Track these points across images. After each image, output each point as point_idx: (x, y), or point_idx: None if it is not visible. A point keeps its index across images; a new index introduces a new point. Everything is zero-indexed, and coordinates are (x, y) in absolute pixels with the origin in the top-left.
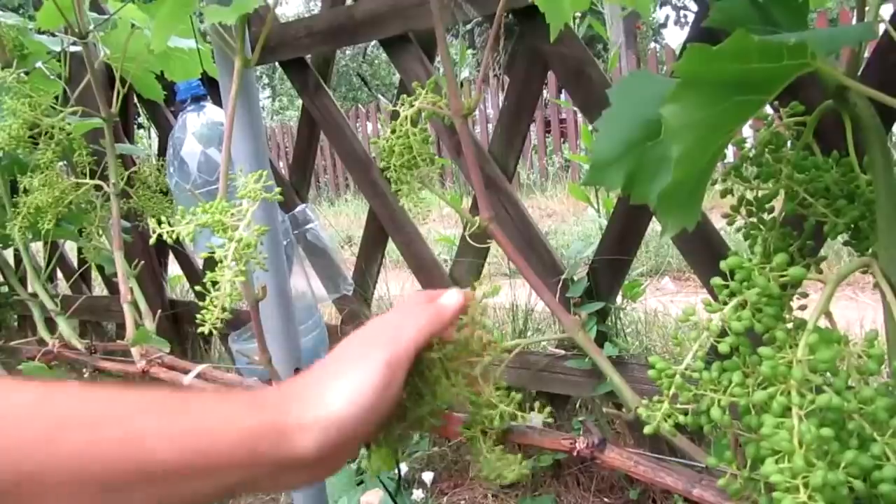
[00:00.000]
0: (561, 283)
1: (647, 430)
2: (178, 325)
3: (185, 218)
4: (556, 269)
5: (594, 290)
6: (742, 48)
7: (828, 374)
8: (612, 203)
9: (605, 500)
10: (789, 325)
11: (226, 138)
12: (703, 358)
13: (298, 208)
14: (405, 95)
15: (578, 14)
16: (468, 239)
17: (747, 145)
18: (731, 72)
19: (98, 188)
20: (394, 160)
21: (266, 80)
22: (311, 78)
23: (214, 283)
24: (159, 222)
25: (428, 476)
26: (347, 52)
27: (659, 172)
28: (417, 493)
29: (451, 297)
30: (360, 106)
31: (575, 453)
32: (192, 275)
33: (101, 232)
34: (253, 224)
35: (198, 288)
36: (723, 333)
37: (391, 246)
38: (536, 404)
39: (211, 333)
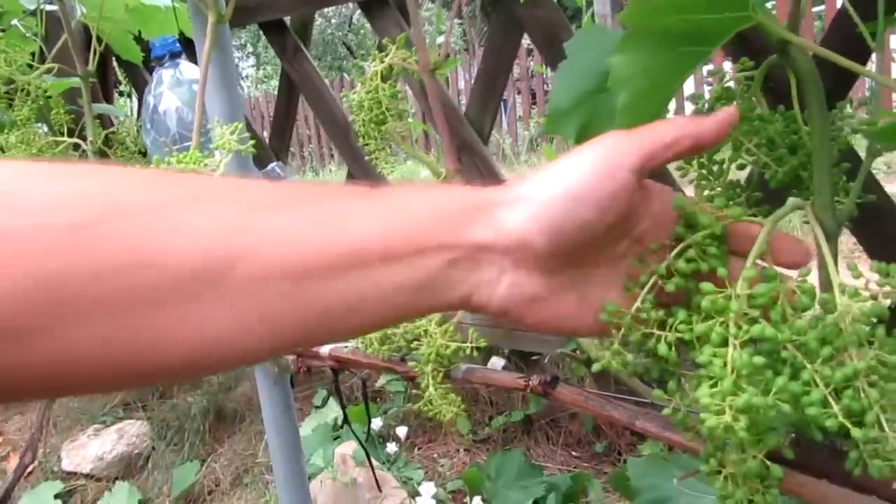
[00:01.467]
0: None
1: (595, 367)
2: None
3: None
4: None
5: None
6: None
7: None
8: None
9: (573, 453)
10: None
11: (199, 92)
12: (651, 301)
13: (269, 166)
14: (377, 52)
15: None
16: None
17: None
18: (674, 23)
19: (76, 147)
20: (363, 115)
21: (250, 49)
22: (290, 41)
23: None
24: None
25: (402, 430)
26: (333, 20)
27: (611, 122)
28: (391, 447)
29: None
30: (345, 75)
31: (528, 390)
32: None
33: None
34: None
35: None
36: (671, 275)
37: None
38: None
39: None
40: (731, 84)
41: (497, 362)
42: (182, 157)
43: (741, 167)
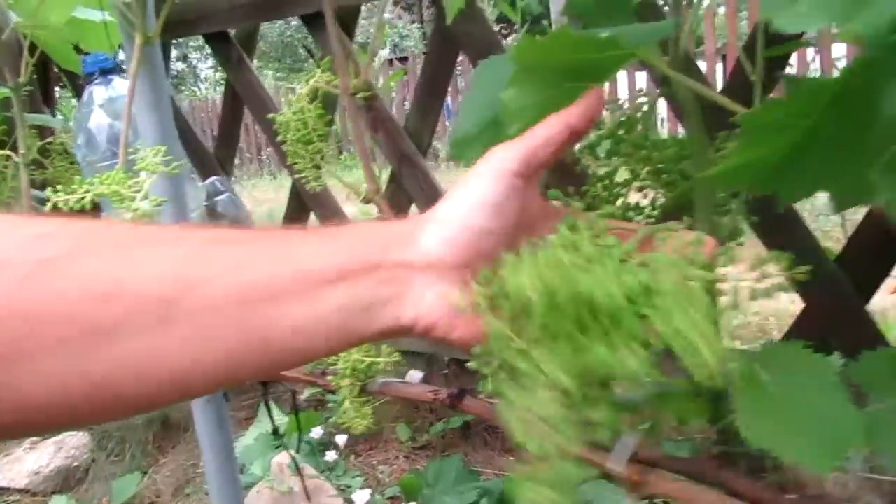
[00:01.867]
0: None
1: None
2: None
3: (83, 187)
4: None
5: None
6: (563, 41)
7: None
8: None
9: (510, 458)
10: None
11: (125, 113)
12: None
13: (208, 180)
14: (303, 73)
15: None
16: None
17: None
18: (558, 61)
19: (7, 158)
20: (290, 135)
21: (209, 51)
22: (234, 52)
23: None
24: (55, 191)
25: (341, 439)
26: (293, 22)
27: None
28: (330, 455)
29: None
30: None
31: (438, 401)
32: None
33: (11, 203)
34: (150, 196)
35: None
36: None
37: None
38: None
39: None
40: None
41: (415, 375)
42: (105, 178)
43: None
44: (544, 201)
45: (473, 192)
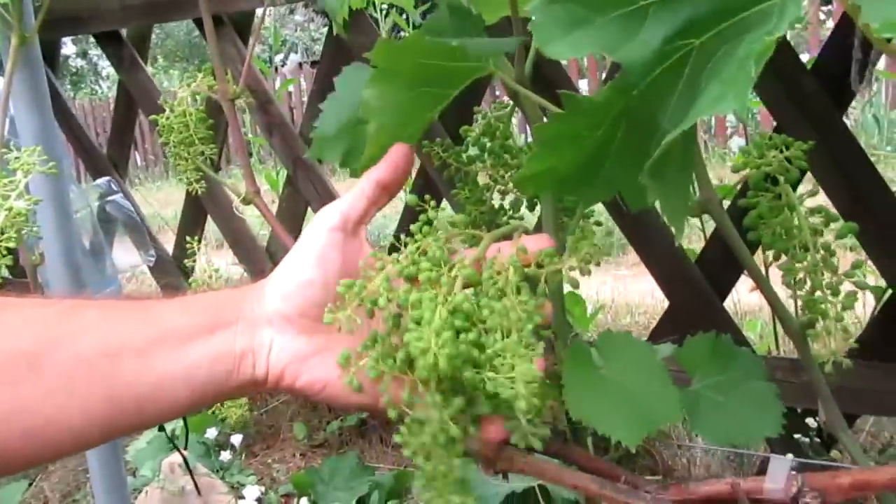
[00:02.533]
0: None
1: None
2: None
3: None
4: None
5: None
6: (418, 47)
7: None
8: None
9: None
10: None
11: (0, 110)
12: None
13: (100, 181)
14: (186, 76)
15: (385, 6)
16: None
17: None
18: (414, 66)
19: None
20: (172, 137)
21: None
22: (127, 52)
23: None
24: None
25: (237, 438)
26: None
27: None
28: (225, 455)
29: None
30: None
31: None
32: None
33: None
34: (26, 196)
35: None
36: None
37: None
38: None
39: None
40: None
41: None
42: None
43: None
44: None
45: (304, 248)
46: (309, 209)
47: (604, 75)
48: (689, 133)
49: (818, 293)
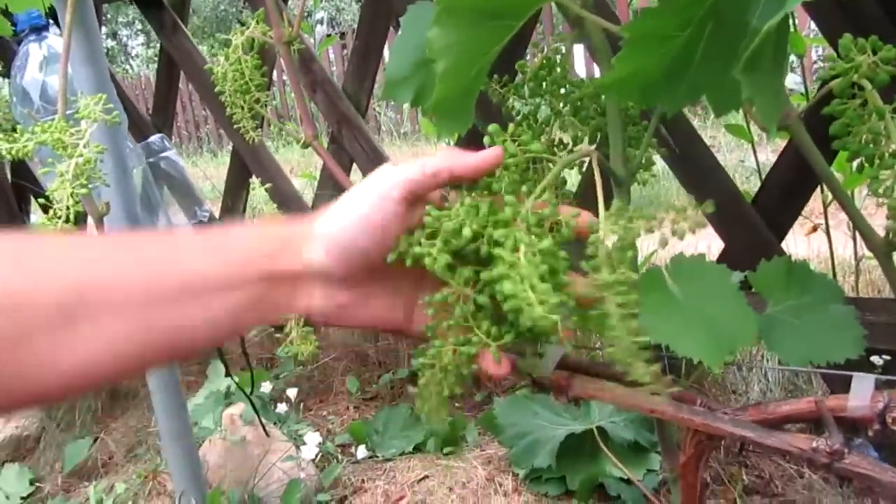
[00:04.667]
0: None
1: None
2: None
3: (24, 136)
4: None
5: None
6: None
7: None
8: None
9: (456, 404)
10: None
11: (62, 64)
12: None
13: (153, 137)
14: (238, 24)
15: None
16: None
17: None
18: (480, 2)
19: None
20: (228, 85)
21: (139, 26)
22: (168, 17)
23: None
24: None
25: (292, 392)
26: None
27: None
28: (282, 407)
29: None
30: None
31: None
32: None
33: None
34: (92, 144)
35: (41, 201)
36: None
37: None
38: None
39: None
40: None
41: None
42: (47, 127)
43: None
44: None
45: (357, 212)
46: (354, 166)
47: None
48: (783, 26)
49: None
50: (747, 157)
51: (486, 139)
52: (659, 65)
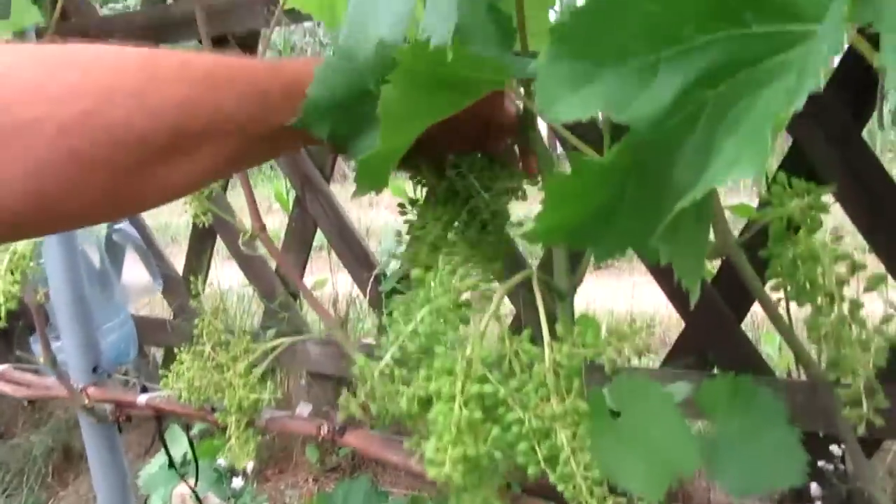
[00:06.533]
0: (373, 277)
1: (340, 415)
2: None
3: None
4: (370, 263)
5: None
6: (445, 54)
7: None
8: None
9: (418, 478)
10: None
11: None
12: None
13: None
14: None
15: None
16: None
17: None
18: (441, 72)
19: None
20: None
21: None
22: None
23: None
24: None
25: (249, 464)
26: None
27: (363, 132)
28: (237, 481)
29: None
30: None
31: (320, 438)
32: None
33: None
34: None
35: None
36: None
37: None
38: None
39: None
40: None
41: (304, 409)
42: None
43: None
44: None
45: None
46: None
47: None
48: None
49: (845, 350)
50: None
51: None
52: (583, 216)
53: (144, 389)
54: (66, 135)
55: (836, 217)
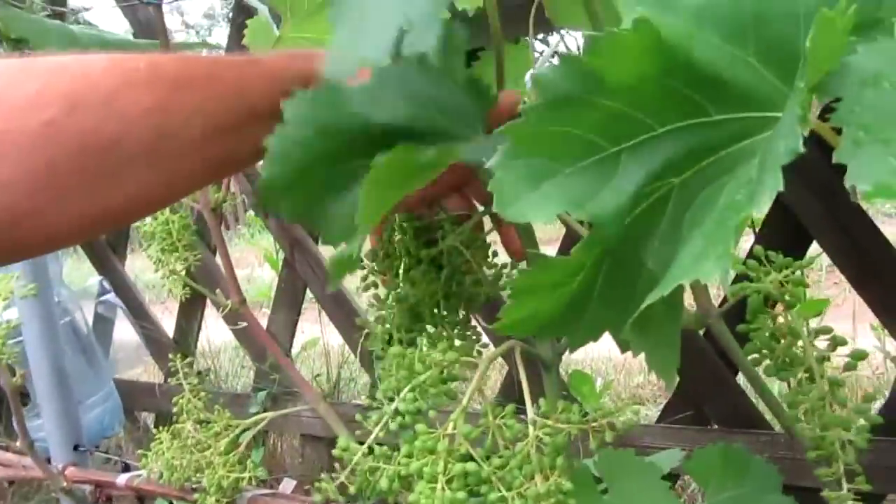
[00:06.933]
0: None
1: (315, 498)
2: None
3: None
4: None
5: None
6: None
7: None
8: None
9: None
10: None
11: None
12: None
13: (90, 281)
14: None
15: None
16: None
17: None
18: (406, 168)
19: None
20: (155, 243)
21: None
22: None
23: None
24: None
25: None
26: None
27: (325, 203)
28: None
29: None
30: None
31: None
32: None
33: None
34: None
35: None
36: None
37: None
38: None
39: None
40: None
41: (287, 485)
42: None
43: None
44: None
45: None
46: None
47: None
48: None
49: (827, 432)
50: None
51: None
52: (553, 308)
53: (126, 468)
54: (33, 146)
55: None
